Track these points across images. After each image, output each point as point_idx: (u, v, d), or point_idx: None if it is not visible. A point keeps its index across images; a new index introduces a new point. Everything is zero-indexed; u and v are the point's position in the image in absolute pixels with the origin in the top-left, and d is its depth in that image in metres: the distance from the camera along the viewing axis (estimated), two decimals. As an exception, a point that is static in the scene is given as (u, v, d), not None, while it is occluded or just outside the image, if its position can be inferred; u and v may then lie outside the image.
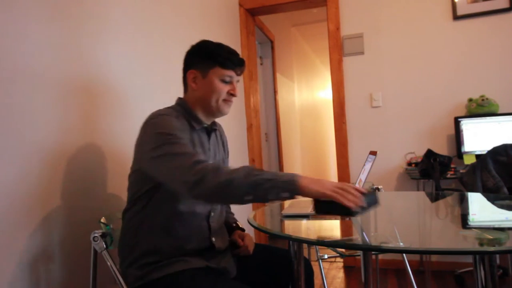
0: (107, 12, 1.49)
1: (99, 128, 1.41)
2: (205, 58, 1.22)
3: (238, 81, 1.28)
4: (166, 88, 1.88)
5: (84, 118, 1.34)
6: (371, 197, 0.99)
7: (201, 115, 1.25)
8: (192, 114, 1.23)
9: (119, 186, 1.49)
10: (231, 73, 1.23)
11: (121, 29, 1.56)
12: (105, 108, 1.45)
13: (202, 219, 1.21)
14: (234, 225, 1.44)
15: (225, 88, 1.23)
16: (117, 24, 1.54)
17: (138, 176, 1.16)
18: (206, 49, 1.24)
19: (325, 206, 0.97)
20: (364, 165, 1.30)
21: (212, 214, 1.23)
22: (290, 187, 0.95)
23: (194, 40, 1.29)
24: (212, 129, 1.31)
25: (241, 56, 1.27)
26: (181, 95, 1.31)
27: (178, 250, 1.15)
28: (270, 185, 0.94)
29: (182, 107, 1.24)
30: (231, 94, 1.24)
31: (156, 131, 1.08)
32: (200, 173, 0.97)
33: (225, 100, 1.24)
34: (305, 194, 0.95)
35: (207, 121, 1.28)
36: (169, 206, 1.14)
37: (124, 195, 1.51)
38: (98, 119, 1.41)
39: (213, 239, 1.22)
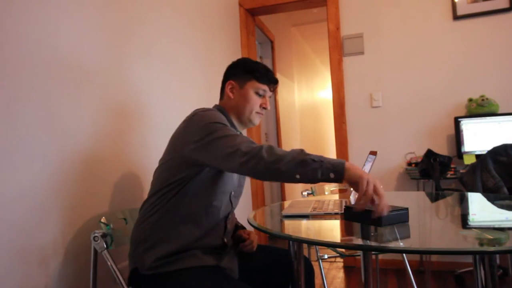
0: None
1: (101, 129, 1.41)
2: (244, 71, 1.34)
3: (270, 96, 1.40)
4: (167, 84, 1.88)
5: (94, 120, 1.34)
6: (403, 213, 1.01)
7: (235, 123, 1.35)
8: (229, 118, 1.32)
9: (120, 186, 1.49)
10: (265, 87, 1.34)
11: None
12: (119, 113, 1.45)
13: (222, 218, 1.25)
14: (240, 225, 1.47)
15: (258, 101, 1.33)
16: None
17: (171, 165, 1.18)
18: (246, 64, 1.37)
19: (355, 214, 0.99)
20: (364, 165, 1.30)
21: (230, 216, 1.29)
22: (337, 169, 0.98)
23: (194, 40, 1.31)
24: None
25: (240, 56, 1.29)
26: (189, 97, 1.36)
27: (195, 242, 1.17)
28: (318, 165, 0.99)
29: (221, 112, 1.30)
30: (264, 107, 1.35)
31: (206, 122, 1.13)
32: (256, 149, 1.03)
33: (257, 112, 1.34)
34: (348, 176, 0.98)
35: (240, 129, 1.37)
36: (198, 199, 1.17)
37: (125, 195, 1.51)
38: (110, 122, 1.41)
39: (225, 239, 1.25)
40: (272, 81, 1.36)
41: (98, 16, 1.42)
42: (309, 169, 0.99)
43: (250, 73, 1.33)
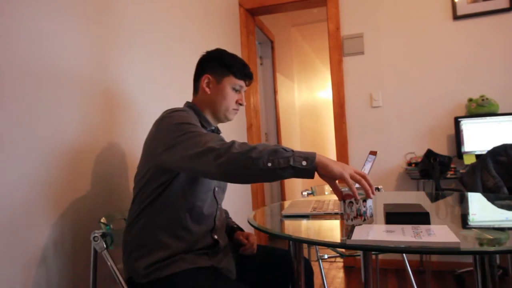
0: (119, 19, 1.49)
1: (101, 128, 1.41)
2: (221, 66, 1.29)
3: (245, 91, 1.36)
4: (167, 85, 1.88)
5: (88, 119, 1.34)
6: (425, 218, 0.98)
7: (209, 118, 1.31)
8: (201, 115, 1.29)
9: (119, 186, 1.49)
10: (242, 83, 1.32)
11: (128, 33, 1.57)
12: (111, 110, 1.45)
13: (209, 216, 1.23)
14: (235, 226, 1.46)
15: (235, 97, 1.31)
16: (128, 30, 1.54)
17: (148, 172, 1.17)
18: (223, 58, 1.31)
19: (397, 218, 0.98)
20: (364, 165, 1.30)
21: (218, 212, 1.27)
22: (310, 157, 0.95)
23: (194, 40, 1.31)
24: (217, 133, 1.37)
25: (241, 56, 1.29)
26: (189, 96, 1.35)
27: (185, 245, 1.16)
28: (290, 154, 0.95)
29: (192, 109, 1.28)
30: (239, 103, 1.33)
31: (174, 123, 1.10)
32: (227, 143, 1.00)
33: (233, 109, 1.32)
34: (325, 171, 0.95)
35: (215, 123, 1.35)
36: (180, 202, 1.16)
37: (125, 195, 1.51)
38: (104, 120, 1.41)
39: (215, 236, 1.24)
40: (248, 76, 1.33)
41: (85, 14, 1.42)
42: (281, 156, 0.95)
43: (227, 68, 1.29)
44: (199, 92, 1.32)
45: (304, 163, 0.95)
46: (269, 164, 0.95)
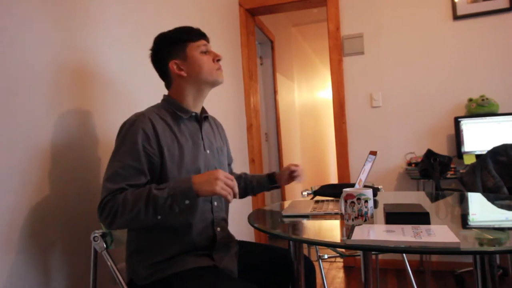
0: (104, 10, 1.49)
1: (101, 127, 1.41)
2: (172, 44, 1.24)
3: (211, 49, 1.30)
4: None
5: (86, 118, 1.34)
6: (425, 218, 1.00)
7: (189, 103, 1.26)
8: (177, 105, 1.24)
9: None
10: (203, 42, 1.26)
11: (120, 26, 1.56)
12: (109, 106, 1.45)
13: (206, 212, 1.22)
14: (268, 173, 1.51)
15: (209, 58, 1.25)
16: (116, 23, 1.54)
17: None
18: (170, 37, 1.26)
19: (397, 218, 0.99)
20: (364, 165, 1.30)
21: (215, 203, 1.25)
22: (189, 194, 1.04)
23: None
24: (203, 118, 1.31)
25: (240, 56, 1.29)
26: None
27: (184, 246, 1.16)
28: (170, 202, 1.03)
29: (167, 102, 1.26)
30: (218, 60, 1.27)
31: (115, 144, 1.12)
32: (108, 217, 1.03)
33: (217, 69, 1.27)
34: (203, 196, 1.06)
35: (194, 109, 1.28)
36: None
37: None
38: (101, 118, 1.41)
39: (218, 229, 1.23)
40: (201, 34, 1.27)
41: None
42: (164, 209, 1.02)
43: (179, 41, 1.24)
44: (173, 82, 1.26)
45: (187, 202, 1.04)
46: (160, 218, 1.04)
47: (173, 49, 1.24)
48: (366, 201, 1.00)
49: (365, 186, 1.20)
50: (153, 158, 1.12)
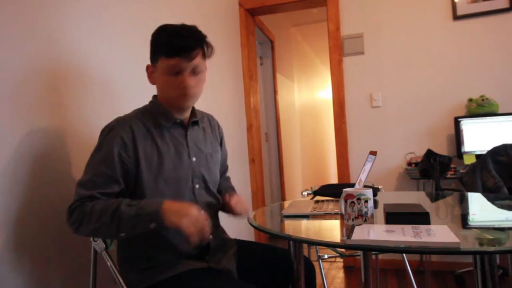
0: (102, 10, 1.49)
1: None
2: (152, 48, 1.12)
3: (195, 69, 1.10)
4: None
5: (89, 112, 1.34)
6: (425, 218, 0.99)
7: (173, 110, 1.17)
8: (160, 110, 1.17)
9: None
10: (175, 61, 1.06)
11: (118, 25, 1.56)
12: (106, 105, 1.45)
13: None
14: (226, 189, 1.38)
15: (175, 81, 1.08)
16: (112, 20, 1.54)
17: None
18: (154, 36, 1.11)
19: (397, 218, 0.99)
20: (364, 165, 1.30)
21: (202, 212, 1.22)
22: (155, 218, 0.99)
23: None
24: (190, 124, 1.22)
25: (240, 57, 1.24)
26: None
27: (174, 254, 1.14)
28: (134, 222, 0.99)
29: (153, 105, 1.19)
30: (183, 86, 1.08)
31: (94, 148, 1.10)
32: (75, 223, 1.02)
33: (181, 95, 1.10)
34: (168, 225, 0.99)
35: (180, 115, 1.19)
36: None
37: (124, 195, 1.51)
38: (100, 120, 1.41)
39: (211, 236, 1.20)
40: (182, 49, 1.04)
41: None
42: (128, 227, 1.00)
43: (157, 48, 1.08)
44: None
45: (151, 225, 0.99)
46: (123, 234, 1.01)
47: (152, 52, 1.13)
48: (366, 201, 1.00)
49: (365, 186, 1.20)
50: (128, 166, 1.08)
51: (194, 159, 1.21)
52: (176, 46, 1.05)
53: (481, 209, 1.32)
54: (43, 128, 1.17)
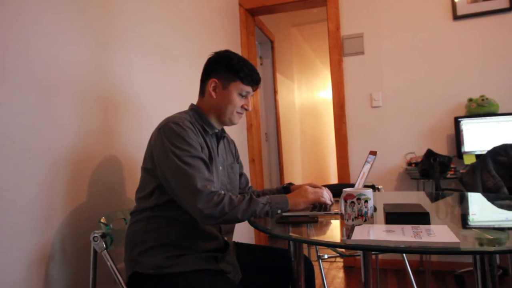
0: (113, 21, 1.49)
1: (100, 129, 1.41)
2: (228, 70, 1.28)
3: (251, 95, 1.37)
4: (166, 85, 1.88)
5: (87, 119, 1.34)
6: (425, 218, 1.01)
7: (213, 121, 1.32)
8: (205, 119, 1.30)
9: (119, 186, 1.49)
10: (249, 89, 1.31)
11: (126, 34, 1.56)
12: (110, 112, 1.45)
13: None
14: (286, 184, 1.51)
15: (240, 102, 1.31)
16: (126, 31, 1.54)
17: (151, 172, 1.19)
18: (231, 62, 1.29)
19: (397, 218, 0.99)
20: (364, 165, 1.30)
21: None
22: (283, 205, 1.17)
23: (194, 41, 1.30)
24: (221, 136, 1.37)
25: (241, 55, 1.30)
26: (189, 95, 1.35)
27: (190, 245, 1.18)
28: (267, 209, 1.14)
29: (196, 113, 1.30)
30: (245, 108, 1.33)
31: (170, 143, 1.12)
32: (210, 208, 1.07)
33: (238, 113, 1.32)
34: (296, 207, 1.19)
35: (218, 127, 1.34)
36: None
37: (125, 195, 1.51)
38: (103, 122, 1.41)
39: (225, 238, 1.27)
40: (256, 82, 1.32)
41: (82, 15, 1.42)
42: (261, 213, 1.13)
43: (235, 73, 1.28)
44: (205, 94, 1.32)
45: (279, 211, 1.17)
46: (252, 218, 1.15)
47: (225, 72, 1.28)
48: (366, 201, 1.00)
49: (365, 186, 1.20)
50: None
51: (220, 168, 1.33)
52: (255, 79, 1.31)
53: (481, 209, 1.32)
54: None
